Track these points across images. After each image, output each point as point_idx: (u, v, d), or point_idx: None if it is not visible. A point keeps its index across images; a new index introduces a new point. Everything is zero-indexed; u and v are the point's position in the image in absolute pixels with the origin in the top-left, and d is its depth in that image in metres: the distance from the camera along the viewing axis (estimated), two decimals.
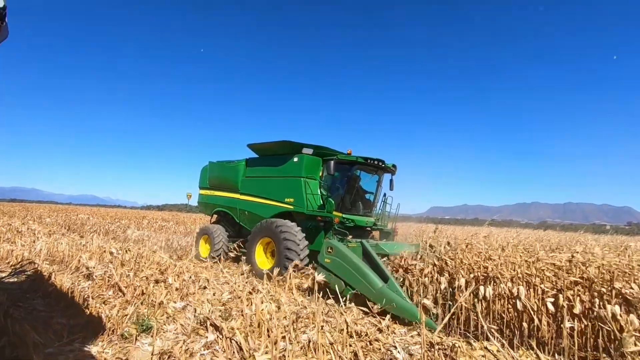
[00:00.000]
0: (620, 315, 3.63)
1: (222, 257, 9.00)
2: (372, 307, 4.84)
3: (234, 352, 3.27)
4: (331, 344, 2.90)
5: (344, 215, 7.47)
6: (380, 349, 3.72)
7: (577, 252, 4.37)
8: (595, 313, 3.77)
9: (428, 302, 3.83)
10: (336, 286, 5.43)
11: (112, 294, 5.12)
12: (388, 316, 4.70)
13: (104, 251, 7.36)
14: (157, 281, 5.82)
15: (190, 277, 6.12)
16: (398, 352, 3.63)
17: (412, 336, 4.20)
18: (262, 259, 7.85)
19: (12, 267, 6.35)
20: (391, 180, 8.56)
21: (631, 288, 3.64)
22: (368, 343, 3.81)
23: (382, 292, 4.98)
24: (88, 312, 4.02)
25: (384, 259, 6.10)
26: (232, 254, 9.02)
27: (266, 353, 2.77)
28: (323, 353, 2.70)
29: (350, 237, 6.96)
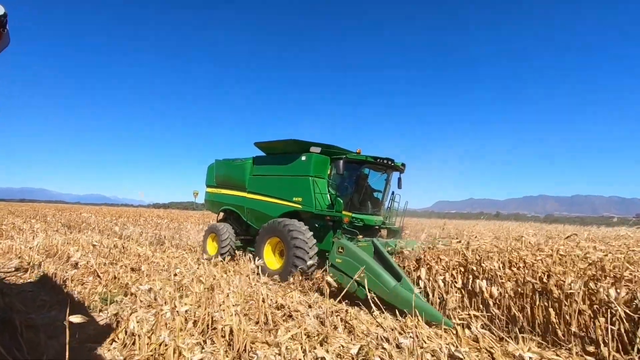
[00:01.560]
0: (486, 288, 4.54)
1: (229, 255, 8.98)
2: (306, 288, 5.77)
3: (174, 318, 4.23)
4: (234, 305, 3.82)
5: (353, 215, 7.39)
6: (297, 317, 4.65)
7: (470, 239, 5.25)
8: (470, 286, 4.68)
9: (331, 280, 4.75)
10: (349, 286, 5.33)
11: (91, 279, 6.12)
12: (317, 294, 5.62)
13: (93, 245, 8.40)
14: (133, 269, 6.83)
15: (163, 266, 7.11)
16: (310, 318, 4.56)
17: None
18: (271, 259, 7.80)
19: (10, 259, 7.37)
20: (399, 179, 8.47)
21: (493, 266, 4.51)
22: (288, 313, 4.76)
23: (396, 291, 4.90)
24: (66, 291, 5.01)
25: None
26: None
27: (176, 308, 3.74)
28: (227, 311, 3.64)
29: (361, 236, 6.91)
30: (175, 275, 6.54)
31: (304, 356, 3.05)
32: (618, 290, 3.74)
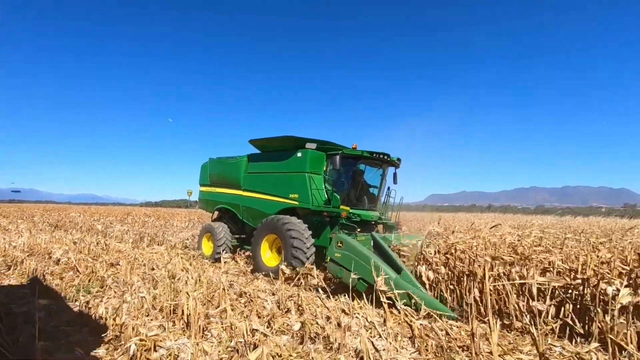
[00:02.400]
0: (424, 272, 5.09)
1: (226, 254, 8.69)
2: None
3: (142, 305, 4.71)
4: (193, 291, 4.30)
5: (351, 210, 7.42)
6: (257, 303, 5.15)
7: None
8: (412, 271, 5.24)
9: (284, 268, 5.26)
10: (349, 280, 5.32)
11: (71, 274, 6.54)
12: (279, 281, 6.11)
13: (74, 243, 8.79)
14: (112, 264, 7.26)
15: (142, 261, 7.53)
16: (268, 303, 5.07)
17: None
18: (268, 256, 7.82)
19: None
20: (395, 174, 8.49)
21: (430, 252, 5.07)
22: (249, 299, 5.25)
23: (397, 283, 4.87)
24: (45, 284, 5.44)
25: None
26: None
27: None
28: (185, 296, 4.14)
29: (359, 230, 6.94)
30: (153, 269, 7.01)
31: (246, 331, 3.54)
32: (528, 271, 4.31)
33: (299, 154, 7.84)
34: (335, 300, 5.34)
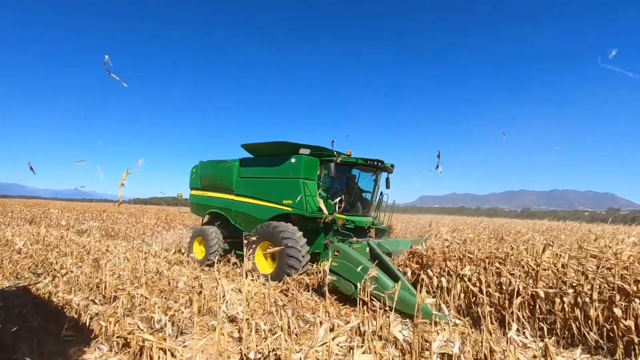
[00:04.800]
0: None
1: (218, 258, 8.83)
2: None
3: (91, 288, 6.03)
4: (110, 271, 5.69)
5: (347, 217, 7.45)
6: (171, 282, 6.52)
7: None
8: None
9: (195, 255, 6.64)
10: (347, 289, 5.58)
11: (29, 260, 7.83)
12: (199, 268, 7.47)
13: (33, 235, 10.06)
14: (65, 254, 8.54)
15: (96, 251, 8.81)
16: (180, 283, 6.46)
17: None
18: (263, 263, 7.77)
19: None
20: (387, 179, 8.55)
21: None
22: (168, 280, 6.63)
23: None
24: (2, 267, 6.75)
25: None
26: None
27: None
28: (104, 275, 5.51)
29: (355, 238, 6.94)
30: (97, 258, 8.28)
31: (139, 297, 4.95)
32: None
33: (293, 160, 7.78)
34: (252, 281, 6.79)
